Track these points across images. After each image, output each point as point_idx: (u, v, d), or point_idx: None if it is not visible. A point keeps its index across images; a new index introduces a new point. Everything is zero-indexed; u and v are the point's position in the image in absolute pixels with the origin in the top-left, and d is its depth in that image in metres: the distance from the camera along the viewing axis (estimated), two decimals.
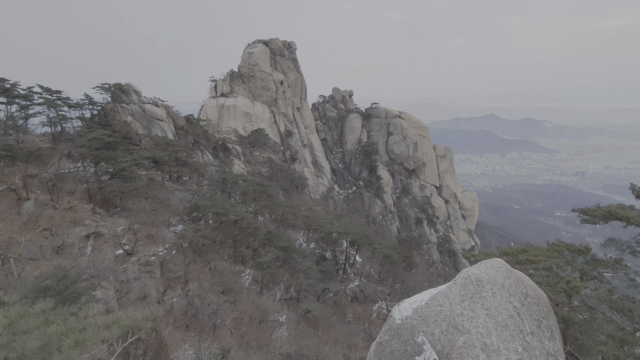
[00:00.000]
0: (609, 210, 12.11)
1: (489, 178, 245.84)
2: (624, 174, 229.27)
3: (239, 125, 50.69)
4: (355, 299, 24.26)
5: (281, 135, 55.66)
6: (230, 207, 22.88)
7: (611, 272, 11.57)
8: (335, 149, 67.38)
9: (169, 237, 19.51)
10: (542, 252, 11.70)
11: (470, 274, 5.69)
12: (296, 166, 53.50)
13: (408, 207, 62.55)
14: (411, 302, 5.84)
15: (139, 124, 32.97)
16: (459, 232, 65.31)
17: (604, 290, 10.97)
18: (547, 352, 5.24)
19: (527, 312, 5.47)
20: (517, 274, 6.01)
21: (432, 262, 55.57)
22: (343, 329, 19.05)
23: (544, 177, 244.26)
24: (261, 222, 26.68)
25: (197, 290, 16.46)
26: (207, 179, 30.59)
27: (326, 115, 68.64)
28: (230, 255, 21.68)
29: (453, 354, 4.96)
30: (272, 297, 19.85)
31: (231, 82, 54.92)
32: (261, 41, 59.98)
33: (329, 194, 57.30)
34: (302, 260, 22.67)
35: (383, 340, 5.66)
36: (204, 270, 19.11)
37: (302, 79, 61.97)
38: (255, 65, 55.39)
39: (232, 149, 43.00)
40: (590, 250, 11.58)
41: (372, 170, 61.98)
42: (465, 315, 5.24)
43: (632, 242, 12.20)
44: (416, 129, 66.43)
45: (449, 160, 69.49)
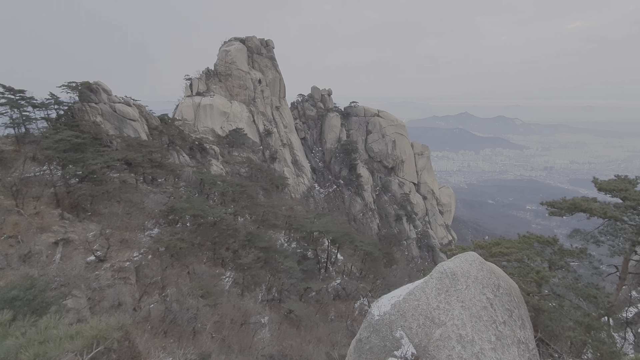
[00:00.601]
0: (574, 203, 12.79)
1: (465, 174, 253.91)
2: (587, 168, 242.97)
3: (217, 124, 49.68)
4: (337, 297, 24.40)
5: (260, 134, 55.05)
6: (209, 208, 22.41)
7: (577, 261, 12.22)
8: (315, 148, 67.41)
9: (145, 242, 18.87)
10: (513, 245, 12.19)
11: (445, 268, 5.84)
12: (276, 166, 53.11)
13: (388, 204, 63.56)
14: (389, 298, 5.93)
15: (110, 125, 31.65)
16: (436, 227, 67.08)
17: (571, 279, 11.56)
18: (519, 340, 5.47)
19: (500, 302, 5.68)
20: (490, 266, 6.23)
21: (412, 258, 56.79)
22: (326, 327, 19.13)
23: (515, 173, 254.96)
24: (241, 223, 26.31)
25: (175, 295, 16.02)
26: (183, 181, 29.80)
27: (305, 114, 68.51)
28: (209, 258, 21.24)
29: (430, 347, 5.08)
30: (253, 299, 19.64)
31: (207, 81, 53.72)
32: (238, 39, 58.99)
33: (309, 193, 57.29)
34: (284, 260, 22.56)
35: (362, 337, 5.73)
36: (182, 274, 18.62)
37: (280, 77, 61.50)
38: (232, 63, 54.43)
39: (210, 149, 42.11)
40: (558, 241, 12.18)
41: (352, 168, 62.49)
42: (441, 309, 5.37)
43: (596, 233, 12.95)
44: (394, 127, 67.54)
45: (426, 158, 71.16)
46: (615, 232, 12.46)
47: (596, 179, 14.19)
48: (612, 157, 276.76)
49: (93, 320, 5.43)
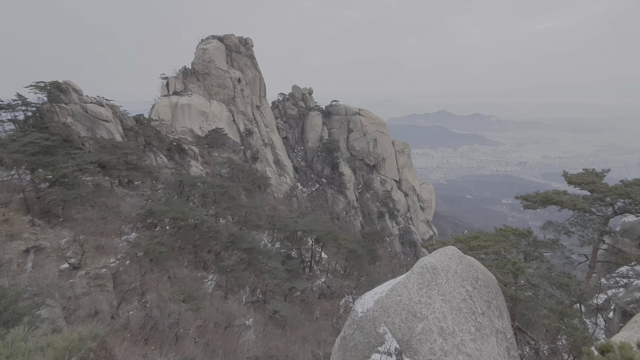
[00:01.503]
0: (546, 196, 13.34)
1: (444, 171, 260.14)
2: (558, 162, 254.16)
3: (195, 124, 48.60)
4: (322, 296, 24.45)
5: (241, 134, 54.31)
6: (189, 210, 21.90)
7: (550, 251, 12.74)
8: (297, 147, 67.18)
9: (122, 247, 18.21)
10: (491, 238, 12.57)
11: (426, 263, 5.95)
12: (258, 166, 52.57)
13: (370, 202, 64.22)
14: (372, 295, 5.99)
15: (81, 126, 30.36)
16: (418, 223, 68.41)
17: (545, 269, 12.03)
18: (497, 329, 5.65)
19: (478, 294, 5.85)
20: (469, 259, 6.39)
21: (395, 254, 57.67)
22: (311, 326, 19.14)
23: (491, 168, 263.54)
24: (223, 224, 25.86)
25: (156, 300, 15.57)
26: (161, 183, 28.98)
27: (287, 113, 68.13)
28: (190, 261, 20.77)
29: (413, 341, 5.16)
30: (237, 301, 19.37)
31: (184, 80, 52.42)
32: (215, 37, 57.87)
33: (292, 193, 57.07)
34: (268, 260, 22.37)
35: (347, 334, 5.75)
36: (162, 279, 18.12)
37: (260, 76, 60.84)
38: (210, 62, 53.34)
39: (189, 150, 41.16)
40: (532, 233, 12.65)
41: (334, 167, 62.71)
42: (423, 303, 5.47)
43: (566, 224, 13.56)
44: (375, 125, 68.25)
45: (407, 155, 72.35)
46: (584, 223, 13.09)
47: (566, 173, 14.87)
48: (580, 151, 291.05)
49: (67, 330, 5.17)
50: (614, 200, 12.83)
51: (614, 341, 3.36)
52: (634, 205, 12.49)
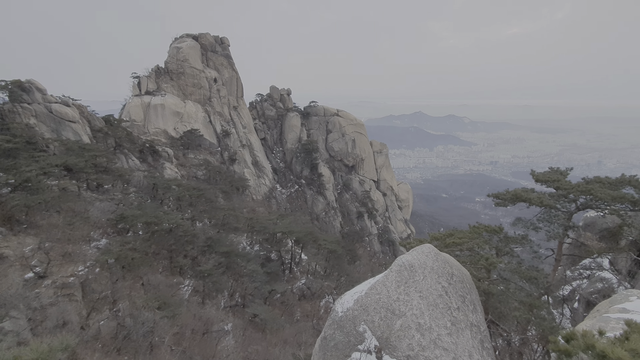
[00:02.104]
0: (516, 194, 13.93)
1: (420, 170, 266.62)
2: (527, 161, 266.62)
3: (169, 125, 47.14)
4: (302, 297, 24.34)
5: (217, 135, 53.23)
6: (163, 214, 21.17)
7: (520, 246, 13.32)
8: (275, 148, 66.67)
9: (91, 254, 17.34)
10: (465, 235, 12.99)
11: (404, 261, 6.05)
12: (235, 167, 51.71)
13: (349, 202, 64.74)
14: (352, 294, 6.02)
15: (45, 127, 28.72)
16: (396, 222, 69.67)
17: (515, 263, 12.55)
18: (471, 323, 5.82)
19: (454, 290, 6.00)
20: (444, 256, 6.56)
21: (374, 253, 58.42)
22: (292, 329, 19.00)
23: (465, 167, 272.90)
24: (200, 228, 25.22)
25: (129, 309, 14.95)
26: (134, 186, 27.87)
27: (265, 114, 67.48)
28: (165, 267, 20.09)
29: (392, 338, 5.22)
30: (215, 306, 18.93)
31: (157, 79, 50.74)
32: (190, 35, 56.42)
33: (271, 194, 56.56)
34: (247, 264, 22.00)
35: (327, 335, 5.75)
36: (135, 286, 17.41)
37: (237, 76, 59.91)
38: (184, 61, 51.94)
39: (163, 151, 39.87)
40: (503, 230, 13.18)
41: (313, 168, 62.73)
42: (401, 300, 5.55)
43: (534, 220, 14.21)
44: (354, 126, 68.91)
45: (384, 155, 73.54)
46: (550, 218, 13.78)
47: (534, 172, 15.61)
48: (546, 151, 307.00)
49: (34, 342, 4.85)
50: (577, 197, 13.59)
51: (578, 329, 3.54)
52: (594, 201, 13.28)
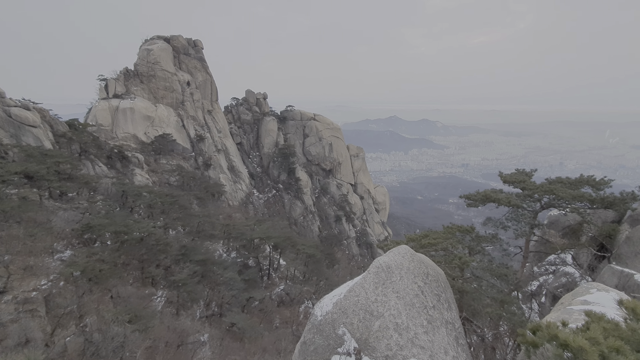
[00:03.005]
0: (486, 195, 14.52)
1: (396, 173, 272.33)
2: (495, 163, 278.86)
3: (139, 130, 45.42)
4: (281, 303, 24.03)
5: (191, 140, 51.88)
6: (134, 223, 20.27)
7: (490, 245, 13.86)
8: (252, 152, 65.87)
9: (54, 267, 16.28)
10: (439, 235, 13.36)
11: (381, 262, 6.12)
12: (211, 173, 50.55)
13: (327, 206, 64.93)
14: (331, 297, 6.01)
15: (4, 132, 26.85)
16: (374, 225, 70.59)
17: (486, 261, 13.03)
18: (446, 321, 5.96)
19: (429, 289, 6.13)
20: (420, 256, 6.69)
21: (353, 256, 58.79)
22: (271, 336, 18.68)
23: (439, 170, 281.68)
24: (173, 236, 24.37)
25: (97, 323, 14.14)
26: (101, 194, 26.54)
27: (240, 118, 66.60)
28: (136, 278, 19.21)
29: (370, 339, 5.25)
30: (191, 317, 18.30)
31: (126, 82, 48.87)
32: (161, 37, 54.87)
33: (248, 200, 55.71)
34: (223, 271, 21.46)
35: (307, 339, 5.69)
36: (103, 299, 16.51)
37: (211, 80, 58.82)
38: (155, 63, 50.38)
39: (132, 157, 38.33)
40: (475, 229, 13.68)
41: (290, 172, 62.47)
42: (379, 301, 5.60)
43: (503, 219, 14.85)
44: (330, 130, 69.40)
45: (361, 159, 74.52)
46: (518, 217, 14.45)
47: (501, 173, 16.35)
48: (513, 153, 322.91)
49: None
50: (541, 197, 14.35)
51: (543, 322, 3.71)
52: (557, 200, 14.07)
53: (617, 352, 2.90)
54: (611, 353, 2.89)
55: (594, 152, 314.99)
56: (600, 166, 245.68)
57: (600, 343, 2.99)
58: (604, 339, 3.04)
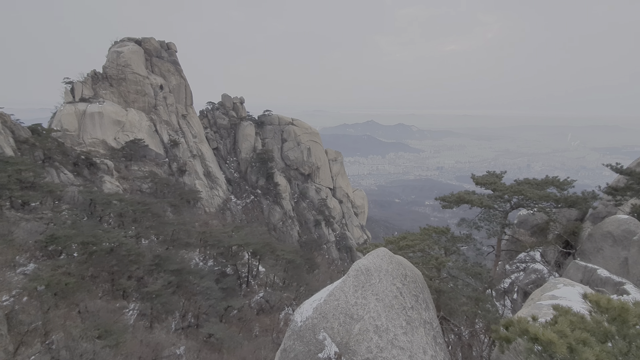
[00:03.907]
0: (459, 196, 14.97)
1: (374, 177, 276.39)
2: (468, 166, 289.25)
3: (109, 135, 43.55)
4: (261, 311, 23.60)
5: (165, 145, 50.31)
6: (103, 233, 19.33)
7: (465, 245, 14.27)
8: (229, 158, 64.77)
9: (17, 281, 15.26)
10: (417, 237, 13.62)
11: (360, 266, 6.13)
12: (186, 179, 49.18)
13: (306, 211, 64.78)
14: (311, 302, 5.95)
15: None
16: (353, 228, 71.10)
17: (461, 261, 13.40)
18: (425, 320, 6.05)
19: (408, 290, 6.21)
20: (398, 258, 6.77)
21: (332, 260, 58.86)
22: (250, 345, 18.26)
23: (415, 173, 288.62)
24: (146, 246, 23.43)
25: (64, 340, 13.29)
26: (66, 203, 25.15)
27: (217, 123, 65.42)
28: (106, 290, 18.28)
29: (351, 342, 5.23)
30: (165, 330, 17.58)
31: (94, 85, 46.83)
32: (132, 39, 53.10)
33: (225, 206, 54.60)
34: (200, 281, 20.82)
35: (287, 346, 5.61)
36: (70, 315, 15.58)
37: (186, 83, 57.48)
38: (126, 66, 48.64)
39: (101, 164, 36.69)
40: (450, 230, 14.05)
41: (269, 177, 61.92)
42: (359, 304, 5.60)
43: (476, 220, 15.35)
44: (309, 135, 69.54)
45: (340, 163, 75.07)
46: (490, 217, 14.99)
47: (474, 175, 16.94)
48: (484, 156, 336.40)
49: None
50: (511, 197, 14.98)
51: (515, 317, 3.84)
52: (525, 200, 14.74)
53: (584, 344, 3.03)
54: (578, 345, 3.02)
55: (558, 155, 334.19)
56: (563, 167, 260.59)
57: (568, 335, 3.12)
58: (571, 331, 3.17)
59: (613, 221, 12.40)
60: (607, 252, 12.06)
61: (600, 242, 12.37)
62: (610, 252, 11.96)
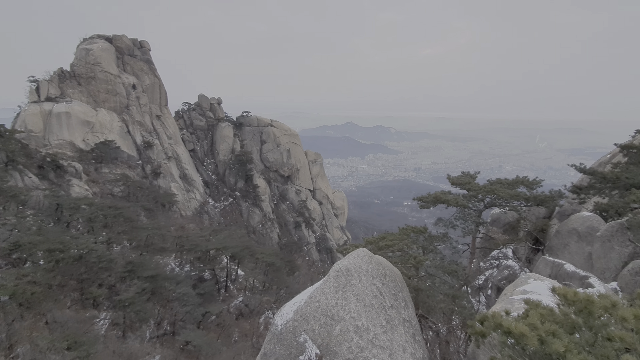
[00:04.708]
0: (436, 197, 15.37)
1: (354, 178, 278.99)
2: (444, 167, 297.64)
3: (77, 137, 41.54)
4: (240, 316, 23.18)
5: (138, 147, 48.56)
6: (71, 239, 18.37)
7: (442, 244, 14.65)
8: (206, 160, 63.38)
9: None
10: (395, 237, 13.84)
11: (341, 266, 6.15)
12: (160, 182, 47.67)
13: (286, 213, 64.41)
14: (291, 305, 5.91)
15: None
16: (333, 230, 71.37)
17: (439, 259, 13.74)
18: (404, 319, 6.14)
19: (387, 289, 6.28)
20: (378, 258, 6.84)
21: (313, 262, 58.77)
22: (229, 351, 17.89)
23: (393, 174, 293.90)
24: (118, 252, 22.48)
25: (30, 353, 12.56)
26: (31, 208, 23.75)
27: (193, 124, 63.90)
28: (75, 300, 17.38)
29: (332, 344, 5.23)
30: (139, 339, 16.92)
31: (61, 84, 44.59)
32: (102, 37, 51.02)
33: (203, 209, 53.36)
34: (176, 287, 20.18)
35: (267, 350, 5.53)
36: (37, 326, 14.71)
37: (160, 83, 55.79)
38: (95, 64, 46.62)
39: (69, 166, 34.93)
40: (427, 230, 14.38)
41: (248, 179, 61.10)
42: (339, 305, 5.61)
43: (452, 219, 15.81)
44: (288, 136, 69.26)
45: (319, 165, 75.22)
46: (465, 217, 15.48)
47: (449, 176, 17.46)
48: (459, 157, 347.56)
49: None
50: (484, 197, 15.54)
51: (489, 313, 3.96)
52: (497, 199, 15.33)
53: (553, 336, 3.17)
54: (548, 336, 3.15)
55: (527, 155, 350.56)
56: (532, 168, 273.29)
57: (538, 328, 3.25)
58: (541, 324, 3.31)
59: (578, 218, 13.11)
60: (573, 248, 12.73)
61: (566, 238, 13.04)
62: (576, 247, 12.63)
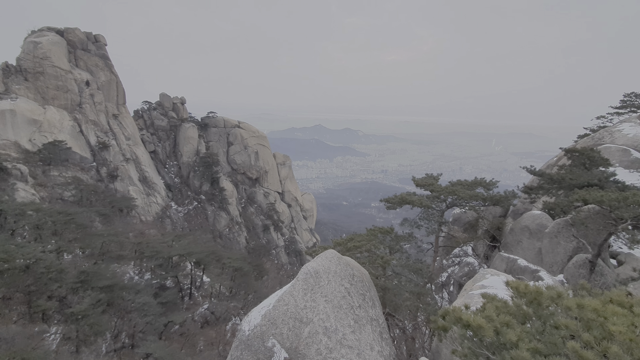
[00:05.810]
0: (402, 198, 15.84)
1: (322, 180, 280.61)
2: (410, 169, 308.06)
3: (22, 136, 38.06)
4: (206, 324, 22.33)
5: (92, 148, 45.41)
6: (16, 248, 16.69)
7: (407, 243, 15.12)
8: (168, 162, 60.68)
9: None
10: (363, 238, 14.07)
11: (309, 269, 6.11)
12: (117, 185, 44.90)
13: (254, 216, 63.27)
14: (259, 309, 5.78)
15: None
16: (302, 232, 71.17)
17: (404, 259, 14.14)
18: (371, 318, 6.22)
19: (355, 289, 6.33)
20: (346, 259, 6.89)
21: (282, 265, 58.17)
22: None
23: (361, 176, 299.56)
24: (69, 261, 20.81)
25: None
26: None
27: (154, 124, 60.95)
28: (22, 313, 15.84)
29: (301, 346, 5.17)
30: (95, 353, 15.74)
31: (6, 79, 40.71)
32: (53, 29, 47.26)
33: (165, 214, 50.94)
34: (135, 296, 19.02)
35: (234, 357, 5.38)
36: None
37: (117, 80, 52.66)
38: (45, 58, 43.05)
39: (13, 169, 31.87)
40: (394, 230, 14.78)
41: (214, 182, 59.30)
42: (308, 307, 5.57)
43: (417, 219, 16.37)
44: (256, 138, 68.18)
45: (288, 167, 74.79)
46: (428, 217, 16.10)
47: (414, 178, 18.09)
48: (423, 160, 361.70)
49: None
50: (446, 197, 16.27)
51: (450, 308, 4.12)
52: (458, 200, 16.12)
53: (507, 326, 3.36)
54: (503, 327, 3.34)
55: (485, 158, 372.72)
56: (489, 170, 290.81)
57: (494, 320, 3.43)
58: (497, 316, 3.50)
59: (529, 216, 14.12)
60: (525, 244, 13.67)
61: (519, 235, 13.98)
62: (528, 243, 13.57)
